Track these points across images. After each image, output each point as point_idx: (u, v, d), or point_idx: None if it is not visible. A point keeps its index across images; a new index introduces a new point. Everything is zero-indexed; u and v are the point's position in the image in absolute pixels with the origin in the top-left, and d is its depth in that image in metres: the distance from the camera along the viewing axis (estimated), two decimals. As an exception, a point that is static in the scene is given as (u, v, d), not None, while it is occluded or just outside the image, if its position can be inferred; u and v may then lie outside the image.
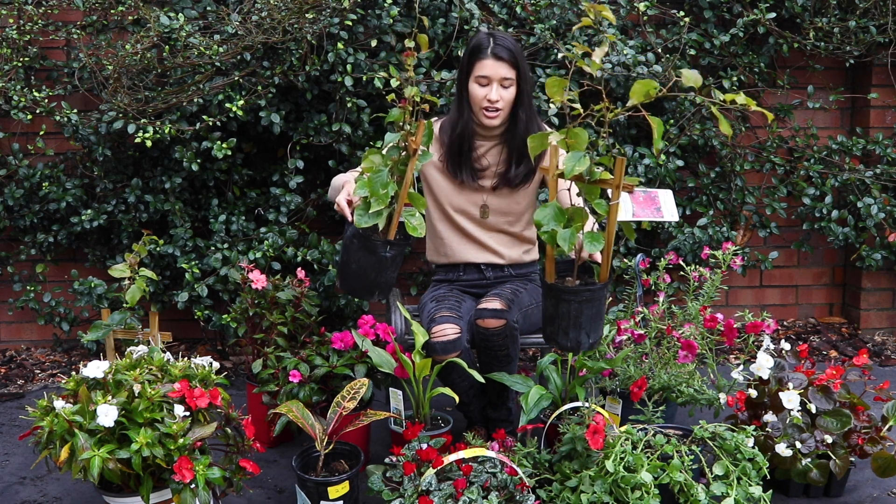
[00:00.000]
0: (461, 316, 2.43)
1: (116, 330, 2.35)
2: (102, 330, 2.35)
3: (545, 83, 1.83)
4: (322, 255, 3.24)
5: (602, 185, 1.89)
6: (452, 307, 2.47)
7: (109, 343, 2.38)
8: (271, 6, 2.92)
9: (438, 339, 2.35)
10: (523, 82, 2.45)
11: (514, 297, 2.48)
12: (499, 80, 2.41)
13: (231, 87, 3.07)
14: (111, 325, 2.36)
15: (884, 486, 2.39)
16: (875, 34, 3.36)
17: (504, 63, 2.40)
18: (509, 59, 2.40)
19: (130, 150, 3.30)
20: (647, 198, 2.09)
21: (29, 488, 2.43)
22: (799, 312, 3.92)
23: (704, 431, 2.20)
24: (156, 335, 2.37)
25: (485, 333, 2.37)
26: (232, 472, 2.02)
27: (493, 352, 2.40)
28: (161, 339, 2.40)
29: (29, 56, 3.27)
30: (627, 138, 3.43)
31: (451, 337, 2.34)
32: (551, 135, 1.86)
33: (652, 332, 2.49)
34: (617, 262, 3.42)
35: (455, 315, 2.42)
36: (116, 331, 2.35)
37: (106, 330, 2.36)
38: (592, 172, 1.87)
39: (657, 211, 2.08)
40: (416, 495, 2.03)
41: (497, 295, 2.48)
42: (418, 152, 2.09)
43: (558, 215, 1.89)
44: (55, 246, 3.43)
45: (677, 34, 3.34)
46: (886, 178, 3.48)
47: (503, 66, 2.40)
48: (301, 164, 3.20)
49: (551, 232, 1.90)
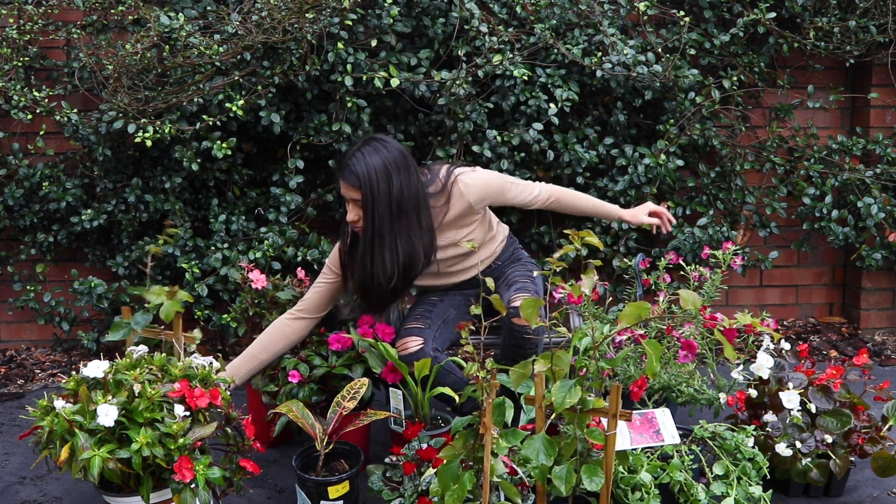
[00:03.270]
0: (429, 326, 2.49)
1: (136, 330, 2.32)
2: (123, 329, 2.32)
3: (521, 305, 1.77)
4: (322, 255, 3.24)
5: (597, 414, 1.80)
6: (420, 316, 2.53)
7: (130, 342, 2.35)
8: (271, 6, 2.92)
9: (402, 352, 2.43)
10: (369, 204, 2.30)
11: (533, 284, 2.53)
12: (352, 201, 2.35)
13: (231, 87, 3.07)
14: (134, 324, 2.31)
15: (884, 486, 2.39)
16: (875, 34, 3.36)
17: (348, 185, 2.32)
18: (353, 182, 2.30)
19: (130, 150, 3.30)
20: (644, 420, 2.04)
21: (29, 488, 2.43)
22: (799, 312, 3.92)
23: (704, 431, 2.20)
24: (179, 337, 2.34)
25: (520, 332, 2.39)
26: (232, 472, 2.01)
27: (523, 350, 2.42)
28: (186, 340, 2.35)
29: (29, 56, 3.27)
30: (628, 138, 3.43)
31: (412, 349, 2.42)
32: (536, 363, 1.78)
33: (652, 332, 2.49)
34: (617, 262, 3.43)
35: (420, 326, 2.48)
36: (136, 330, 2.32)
37: (126, 329, 2.32)
38: (585, 402, 1.78)
39: (656, 434, 2.03)
40: (416, 495, 2.03)
41: (523, 289, 2.49)
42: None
43: (548, 448, 1.77)
44: (55, 246, 3.43)
45: (677, 34, 3.34)
46: (886, 178, 3.48)
47: (349, 189, 2.33)
48: (301, 163, 3.20)
49: (541, 468, 1.79)
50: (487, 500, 1.82)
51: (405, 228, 2.34)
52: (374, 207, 2.30)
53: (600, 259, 3.47)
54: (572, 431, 1.83)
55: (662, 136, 3.38)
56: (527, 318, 1.78)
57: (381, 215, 2.31)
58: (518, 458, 2.02)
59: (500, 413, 1.85)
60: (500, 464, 1.85)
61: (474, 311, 2.11)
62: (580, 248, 1.82)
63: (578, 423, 1.80)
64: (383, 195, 2.29)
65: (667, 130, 3.36)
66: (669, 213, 2.81)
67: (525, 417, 2.26)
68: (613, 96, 3.36)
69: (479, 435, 1.81)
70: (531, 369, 1.81)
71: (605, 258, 3.48)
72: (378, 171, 2.29)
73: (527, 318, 1.78)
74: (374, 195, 2.29)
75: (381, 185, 2.29)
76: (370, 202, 2.30)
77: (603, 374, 1.88)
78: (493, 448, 1.81)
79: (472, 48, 3.20)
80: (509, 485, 1.89)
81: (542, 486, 1.87)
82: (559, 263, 1.82)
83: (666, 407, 2.37)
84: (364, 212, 2.32)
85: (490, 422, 1.77)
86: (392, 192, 2.30)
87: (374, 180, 2.29)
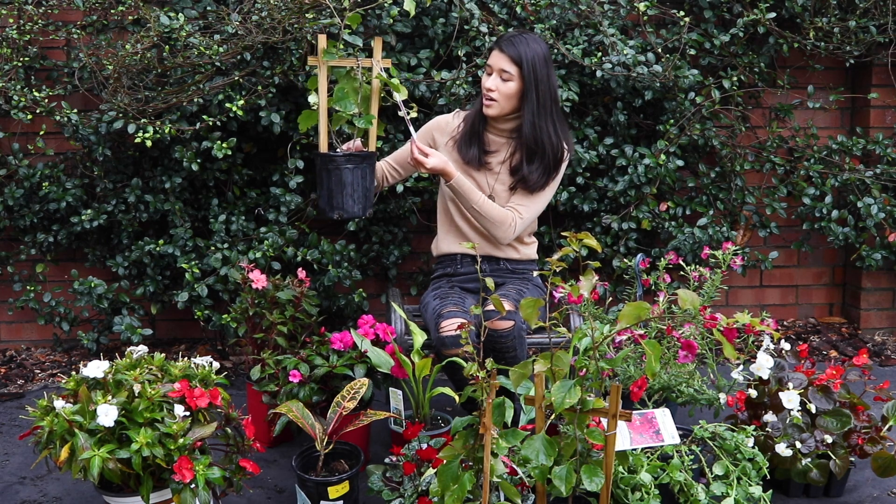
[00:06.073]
0: (466, 311, 2.49)
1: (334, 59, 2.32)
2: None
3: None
4: (322, 255, 3.24)
5: (596, 415, 1.80)
6: (457, 302, 2.53)
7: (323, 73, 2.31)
8: (271, 6, 2.92)
9: (448, 333, 2.39)
10: (529, 83, 2.53)
11: (520, 297, 2.49)
12: (497, 70, 2.54)
13: (231, 87, 3.07)
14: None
15: (884, 486, 2.39)
16: (875, 34, 3.36)
17: (505, 56, 2.53)
18: (512, 55, 2.52)
19: (130, 150, 3.30)
20: (644, 420, 2.04)
21: (29, 488, 2.43)
22: (799, 312, 3.92)
23: (704, 431, 2.20)
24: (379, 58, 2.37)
25: (494, 335, 2.39)
26: (232, 472, 2.02)
27: (501, 353, 2.41)
28: (382, 64, 2.38)
29: (29, 56, 3.27)
30: (628, 138, 3.43)
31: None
32: (536, 363, 1.79)
33: (652, 332, 2.49)
34: (617, 262, 3.43)
35: (460, 310, 2.48)
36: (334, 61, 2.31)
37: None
38: (585, 402, 1.78)
39: (656, 434, 2.03)
40: (416, 495, 2.03)
41: (504, 296, 2.50)
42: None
43: (548, 449, 1.77)
44: (55, 246, 3.43)
45: (677, 34, 3.34)
46: (886, 178, 3.48)
47: (504, 60, 2.53)
48: (301, 163, 3.20)
49: (541, 468, 1.78)
50: (487, 501, 1.82)
51: (553, 115, 2.59)
52: (537, 87, 2.53)
53: (600, 259, 3.47)
54: (572, 431, 1.83)
55: (662, 136, 3.38)
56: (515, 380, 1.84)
57: (538, 99, 2.55)
58: (518, 458, 2.02)
59: (500, 413, 1.85)
60: (500, 464, 1.85)
61: (474, 311, 2.13)
62: (578, 250, 1.82)
63: (578, 423, 1.80)
64: (543, 80, 2.54)
65: (667, 130, 3.36)
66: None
67: (525, 417, 2.26)
68: (613, 96, 3.36)
69: (479, 435, 1.81)
70: (531, 369, 1.81)
71: (604, 258, 3.49)
72: (539, 57, 2.54)
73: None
74: (537, 76, 2.53)
75: (540, 70, 2.54)
76: (533, 81, 2.52)
77: (603, 375, 1.88)
78: (493, 448, 1.81)
79: (472, 48, 3.20)
80: (509, 485, 1.89)
81: (542, 487, 1.87)
82: (559, 263, 1.82)
83: (666, 407, 2.37)
84: (522, 87, 2.54)
85: (490, 422, 1.78)
86: (549, 79, 2.56)
87: (537, 63, 2.53)
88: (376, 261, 3.55)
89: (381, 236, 3.48)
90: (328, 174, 2.36)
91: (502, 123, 2.63)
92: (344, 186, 2.37)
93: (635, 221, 3.41)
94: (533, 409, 2.21)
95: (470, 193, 2.56)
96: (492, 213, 2.57)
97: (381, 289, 3.70)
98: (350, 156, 2.36)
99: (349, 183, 2.36)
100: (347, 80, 2.35)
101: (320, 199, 2.42)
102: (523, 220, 2.62)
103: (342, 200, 2.38)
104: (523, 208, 2.62)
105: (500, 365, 2.41)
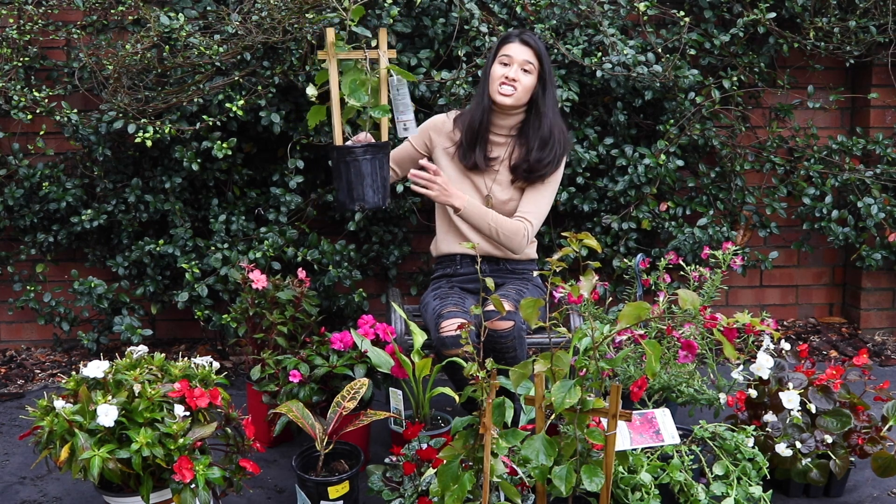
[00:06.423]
0: (466, 311, 2.49)
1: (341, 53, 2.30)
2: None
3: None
4: (322, 255, 3.24)
5: (596, 415, 1.80)
6: (457, 303, 2.53)
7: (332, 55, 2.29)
8: (271, 6, 2.92)
9: (449, 333, 2.38)
10: (545, 78, 2.59)
11: (519, 298, 2.49)
12: (520, 62, 2.56)
13: (231, 87, 3.07)
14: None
15: (884, 486, 2.39)
16: (875, 34, 3.36)
17: (529, 49, 2.57)
18: (535, 47, 2.57)
19: (130, 150, 3.30)
20: (644, 420, 2.04)
21: (29, 488, 2.43)
22: (799, 312, 3.92)
23: (704, 431, 2.20)
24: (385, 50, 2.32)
25: (494, 335, 2.39)
26: (232, 472, 2.02)
27: (501, 353, 2.41)
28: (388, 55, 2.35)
29: (29, 56, 3.27)
30: (628, 138, 3.43)
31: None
32: (536, 363, 1.79)
33: (652, 332, 2.49)
34: (617, 262, 3.43)
35: (460, 310, 2.48)
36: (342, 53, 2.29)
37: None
38: (585, 403, 1.78)
39: (656, 435, 2.02)
40: (416, 495, 2.03)
41: (504, 296, 2.50)
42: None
43: (548, 449, 1.76)
44: (55, 246, 3.43)
45: (677, 34, 3.34)
46: (886, 178, 3.48)
47: (527, 52, 2.56)
48: (301, 163, 3.20)
49: (541, 468, 1.78)
50: (487, 501, 1.82)
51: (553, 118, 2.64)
52: (549, 79, 2.60)
53: (600, 260, 3.47)
54: (572, 431, 1.83)
55: (662, 136, 3.38)
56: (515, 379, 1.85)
57: (549, 95, 2.62)
58: (518, 458, 2.02)
59: (500, 413, 1.85)
60: (500, 464, 1.85)
61: (474, 311, 2.13)
62: (578, 250, 1.82)
63: (578, 423, 1.80)
64: (552, 76, 2.63)
65: (667, 130, 3.36)
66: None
67: (525, 417, 2.26)
68: (613, 96, 3.36)
69: (479, 435, 1.81)
70: (531, 369, 1.81)
71: (604, 258, 3.49)
72: (547, 55, 2.63)
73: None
74: (550, 71, 2.61)
75: (549, 67, 2.62)
76: (547, 73, 2.59)
77: (603, 375, 1.88)
78: (493, 448, 1.81)
79: (472, 48, 3.20)
80: (509, 485, 1.89)
81: (542, 487, 1.87)
82: (559, 264, 1.82)
83: (666, 407, 2.37)
84: (539, 82, 2.59)
85: (490, 422, 1.78)
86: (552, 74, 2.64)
87: (547, 57, 2.62)
88: (376, 261, 3.55)
89: (381, 236, 3.48)
90: (346, 166, 2.35)
91: (508, 119, 2.64)
92: (363, 178, 2.36)
93: (635, 221, 3.41)
94: (533, 409, 2.21)
95: (483, 214, 2.57)
96: (506, 226, 2.58)
97: (381, 289, 3.70)
98: (368, 146, 2.35)
99: (368, 174, 2.36)
100: (354, 72, 2.34)
101: (339, 193, 2.41)
102: (533, 227, 2.63)
103: (363, 192, 2.37)
104: (530, 215, 2.62)
105: (500, 365, 2.41)
